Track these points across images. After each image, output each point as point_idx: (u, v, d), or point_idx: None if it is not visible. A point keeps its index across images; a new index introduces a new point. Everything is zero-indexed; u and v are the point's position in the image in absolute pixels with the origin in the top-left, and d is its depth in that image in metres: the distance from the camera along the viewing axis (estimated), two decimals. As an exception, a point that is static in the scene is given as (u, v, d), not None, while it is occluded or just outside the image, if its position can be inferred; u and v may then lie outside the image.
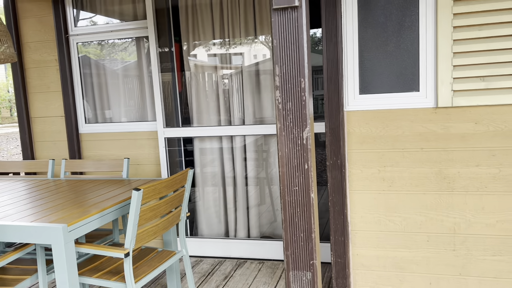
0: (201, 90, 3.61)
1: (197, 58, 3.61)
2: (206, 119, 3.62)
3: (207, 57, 3.64)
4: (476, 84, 2.21)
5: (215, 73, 3.60)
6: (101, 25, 3.78)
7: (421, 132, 2.34)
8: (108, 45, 3.81)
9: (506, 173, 2.25)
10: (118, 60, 3.81)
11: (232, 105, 3.54)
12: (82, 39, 3.78)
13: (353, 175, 2.48)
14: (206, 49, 3.62)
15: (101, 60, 3.85)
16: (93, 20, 3.83)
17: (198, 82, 3.60)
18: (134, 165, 3.80)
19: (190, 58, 3.60)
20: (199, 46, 3.59)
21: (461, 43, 2.20)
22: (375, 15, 2.32)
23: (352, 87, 2.41)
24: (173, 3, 3.60)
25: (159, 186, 2.22)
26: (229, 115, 3.56)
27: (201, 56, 3.64)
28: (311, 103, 1.33)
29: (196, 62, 3.61)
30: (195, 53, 3.60)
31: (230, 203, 3.68)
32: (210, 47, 3.60)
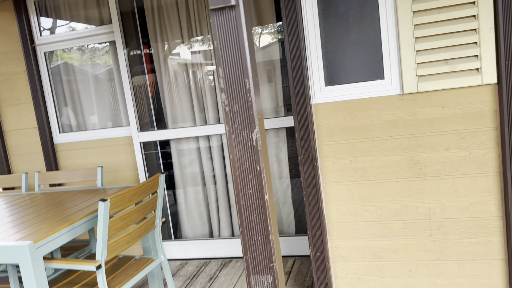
0: (174, 91, 3.56)
1: (167, 59, 3.56)
2: (181, 120, 3.57)
3: (178, 57, 3.59)
4: (440, 68, 2.19)
5: (187, 73, 3.55)
6: (67, 32, 3.70)
7: (389, 120, 2.32)
8: (79, 51, 3.74)
9: (476, 155, 2.24)
10: (90, 65, 3.75)
11: (206, 103, 3.50)
12: (49, 48, 3.70)
13: (325, 167, 2.46)
14: (175, 49, 3.57)
15: (74, 67, 3.78)
16: (61, 27, 3.75)
17: (170, 83, 3.56)
18: (112, 172, 3.76)
19: (160, 59, 3.55)
20: (168, 47, 3.54)
21: (422, 27, 2.18)
22: (335, 5, 2.29)
23: (317, 79, 2.39)
24: (139, 5, 3.54)
25: (127, 195, 2.18)
26: (204, 114, 3.52)
27: (172, 56, 3.59)
28: (259, 103, 1.30)
29: (167, 62, 3.55)
30: (165, 54, 3.55)
31: (212, 203, 3.65)
32: (180, 47, 3.55)
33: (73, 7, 3.65)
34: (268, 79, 3.34)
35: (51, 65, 3.79)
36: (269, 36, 3.37)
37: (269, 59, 3.34)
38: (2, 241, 1.97)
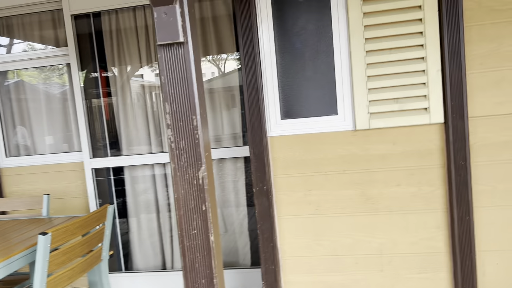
0: (129, 116, 3.48)
1: (125, 83, 3.49)
2: (137, 146, 3.48)
3: (135, 81, 3.53)
4: (391, 106, 2.25)
5: (144, 97, 3.49)
6: (21, 52, 3.57)
7: (342, 155, 2.35)
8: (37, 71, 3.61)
9: (425, 191, 2.30)
10: (46, 85, 3.61)
11: (163, 132, 3.43)
12: (2, 68, 3.55)
13: (280, 200, 2.45)
14: (133, 73, 3.51)
15: (28, 85, 3.63)
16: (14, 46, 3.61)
17: (126, 107, 3.48)
18: (61, 199, 3.58)
19: (117, 83, 3.47)
20: (126, 71, 3.48)
21: (374, 66, 2.24)
22: (291, 41, 2.33)
23: (273, 112, 2.40)
24: (97, 28, 3.47)
25: (71, 227, 2.07)
26: (160, 141, 3.45)
27: (129, 80, 3.52)
28: (207, 140, 1.27)
29: (124, 87, 3.48)
30: (122, 78, 3.48)
31: (166, 232, 3.54)
32: (138, 71, 3.49)
33: (28, 26, 3.53)
34: (228, 105, 3.33)
35: (6, 82, 3.63)
36: (230, 62, 3.38)
37: (229, 85, 3.34)
38: None
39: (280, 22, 2.33)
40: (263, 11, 2.33)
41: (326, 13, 2.28)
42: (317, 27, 2.30)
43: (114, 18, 3.41)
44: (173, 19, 1.15)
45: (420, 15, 2.16)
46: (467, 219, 2.22)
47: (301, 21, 2.31)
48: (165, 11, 1.15)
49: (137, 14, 3.36)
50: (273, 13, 2.33)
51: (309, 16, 2.30)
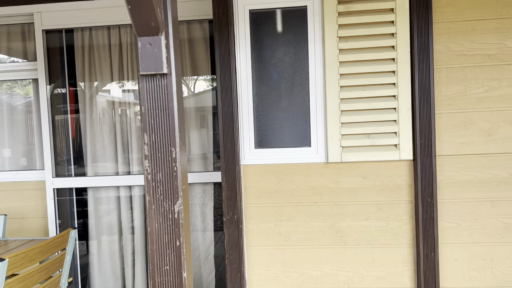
0: (97, 134, 3.39)
1: (94, 101, 3.40)
2: (103, 166, 3.38)
3: (106, 99, 3.45)
4: (362, 141, 2.30)
5: (113, 116, 3.41)
6: (-15, 63, 3.43)
7: (314, 187, 2.37)
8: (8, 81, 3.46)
9: (392, 226, 2.34)
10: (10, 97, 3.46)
11: (132, 150, 3.35)
12: (-40, 78, 3.38)
13: (250, 230, 2.42)
14: (104, 91, 3.43)
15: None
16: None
17: (94, 125, 3.38)
18: (19, 219, 3.40)
19: (86, 100, 3.38)
20: (96, 88, 3.40)
21: (347, 101, 2.30)
22: (268, 72, 2.36)
23: (248, 141, 2.39)
24: (68, 43, 3.39)
25: (30, 253, 1.96)
26: (128, 162, 3.36)
27: (100, 98, 3.44)
28: (185, 172, 1.25)
29: (93, 104, 3.39)
30: (92, 95, 3.40)
31: (128, 256, 3.42)
32: (108, 89, 3.42)
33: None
34: (198, 126, 3.30)
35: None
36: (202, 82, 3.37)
37: (200, 106, 3.32)
38: None
39: (258, 52, 2.36)
40: (241, 40, 2.35)
41: (303, 47, 2.33)
42: (294, 60, 2.34)
43: (87, 35, 3.35)
44: (157, 50, 1.13)
45: (393, 55, 2.24)
46: (432, 255, 2.26)
47: (279, 53, 2.34)
48: (150, 42, 1.13)
49: (112, 33, 3.31)
50: (252, 42, 2.36)
51: (287, 48, 2.34)
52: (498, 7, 2.20)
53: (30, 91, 3.43)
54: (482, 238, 2.29)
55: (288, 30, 2.33)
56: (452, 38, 2.23)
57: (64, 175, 3.37)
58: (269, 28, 2.34)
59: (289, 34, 2.33)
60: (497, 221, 2.27)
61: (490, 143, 2.25)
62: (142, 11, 1.08)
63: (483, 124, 2.24)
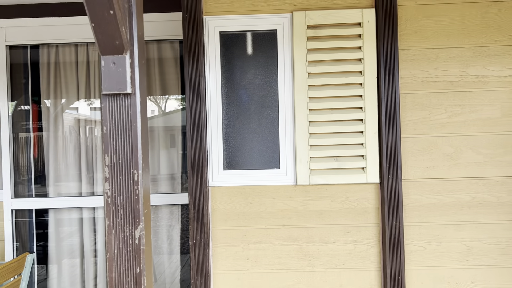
0: (60, 154, 3.27)
1: (58, 118, 3.29)
2: (65, 186, 3.25)
3: (69, 116, 3.35)
4: (330, 163, 2.31)
5: (78, 135, 3.30)
6: None
7: (282, 209, 2.35)
8: None
9: (360, 250, 2.34)
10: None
11: (96, 170, 3.25)
12: None
13: (217, 254, 2.37)
14: (69, 109, 3.33)
15: None
16: None
17: (57, 143, 3.27)
18: (-28, 241, 3.21)
19: (51, 118, 3.27)
20: (61, 106, 3.30)
21: (316, 124, 2.31)
22: (238, 94, 2.35)
23: (216, 162, 2.36)
24: (33, 59, 3.30)
25: (-19, 280, 1.84)
26: (92, 182, 3.26)
27: (62, 115, 3.33)
28: (147, 196, 1.20)
29: (57, 123, 3.28)
30: (56, 113, 3.29)
31: (89, 281, 3.27)
32: (74, 108, 3.33)
33: (-46, 51, 3.27)
34: (167, 145, 3.24)
35: None
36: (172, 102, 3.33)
37: (171, 125, 3.27)
38: None
39: (228, 73, 2.35)
40: (211, 61, 2.35)
41: (273, 70, 2.34)
42: (264, 82, 2.35)
43: (53, 51, 3.27)
44: (121, 69, 1.10)
45: (360, 79, 2.28)
46: (399, 278, 2.27)
47: (249, 75, 2.35)
48: (113, 61, 1.10)
49: (79, 50, 3.25)
50: (222, 64, 2.35)
51: (257, 71, 2.35)
52: (460, 36, 2.29)
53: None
54: (446, 261, 2.31)
55: (258, 53, 2.34)
56: (417, 65, 2.30)
57: (24, 195, 3.22)
58: (240, 51, 2.35)
59: (259, 56, 2.34)
60: (461, 244, 2.31)
61: (453, 167, 2.30)
62: (106, 29, 1.05)
63: (447, 148, 2.30)
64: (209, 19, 2.34)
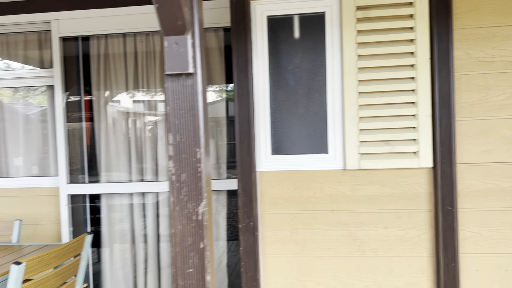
0: (112, 142, 3.39)
1: (109, 109, 3.41)
2: (117, 173, 3.37)
3: (120, 107, 3.46)
4: (381, 148, 2.27)
5: (128, 124, 3.41)
6: (2, 71, 3.46)
7: (331, 194, 2.33)
8: (15, 91, 3.49)
9: (411, 235, 2.29)
10: (24, 107, 3.49)
11: (145, 158, 3.35)
12: (-22, 85, 3.42)
13: (266, 237, 2.39)
14: (119, 99, 3.44)
15: (9, 105, 3.50)
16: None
17: (109, 133, 3.39)
18: (32, 225, 3.40)
19: (102, 108, 3.39)
20: (111, 96, 3.41)
21: (366, 108, 2.27)
22: (285, 78, 2.35)
23: (264, 147, 2.37)
24: (84, 52, 3.42)
25: (47, 258, 1.94)
26: (141, 169, 3.36)
27: (114, 106, 3.45)
28: (209, 174, 1.23)
29: (108, 112, 3.40)
30: (107, 103, 3.41)
31: (140, 264, 3.39)
32: (124, 97, 3.43)
33: (12, 46, 3.45)
34: (212, 135, 3.29)
35: (-23, 102, 3.49)
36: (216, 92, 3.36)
37: (214, 116, 3.31)
38: None
39: (276, 58, 2.35)
40: (259, 47, 2.35)
41: (321, 53, 2.32)
42: (312, 66, 2.33)
43: (103, 42, 3.37)
44: (184, 50, 1.13)
45: (412, 61, 2.22)
46: (453, 265, 2.21)
47: (296, 59, 2.33)
48: (176, 41, 1.13)
49: (127, 40, 3.34)
50: (269, 49, 2.35)
51: (304, 55, 2.33)
52: (519, 13, 2.18)
53: (43, 100, 3.45)
54: (504, 249, 2.23)
55: (305, 36, 2.33)
56: (473, 45, 2.21)
57: (77, 181, 3.37)
58: (287, 35, 2.34)
59: (306, 40, 2.33)
60: (520, 231, 2.22)
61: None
62: (169, 10, 1.07)
63: (505, 131, 2.20)
64: (256, 3, 2.34)
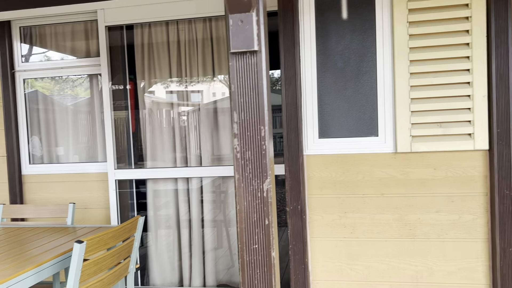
0: (156, 129, 3.46)
1: (153, 97, 3.48)
2: (161, 159, 3.45)
3: (164, 95, 3.53)
4: (434, 130, 2.21)
5: (171, 112, 3.47)
6: (51, 61, 3.59)
7: (381, 178, 2.30)
8: (61, 81, 3.62)
9: (465, 220, 2.23)
10: (71, 96, 3.62)
11: (189, 144, 3.40)
12: (30, 75, 3.56)
13: (313, 221, 2.39)
14: (162, 87, 3.50)
15: (53, 96, 3.64)
16: (45, 55, 3.64)
17: (153, 121, 3.46)
18: (82, 209, 3.53)
19: (146, 96, 3.47)
20: (155, 84, 3.48)
21: (418, 89, 2.22)
22: (333, 60, 2.32)
23: (311, 131, 2.36)
24: (129, 41, 3.49)
25: (105, 237, 2.02)
26: (185, 155, 3.42)
27: (158, 94, 3.52)
28: (272, 152, 1.23)
29: (152, 100, 3.47)
30: (151, 91, 3.48)
31: (185, 248, 3.47)
32: (167, 85, 3.49)
33: (60, 36, 3.56)
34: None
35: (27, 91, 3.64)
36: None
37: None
38: (-42, 282, 1.75)
39: (323, 40, 2.32)
40: (306, 29, 2.33)
41: (371, 34, 2.27)
42: (361, 47, 2.29)
43: (146, 31, 3.43)
44: (249, 27, 1.13)
45: (468, 39, 2.14)
46: (510, 250, 2.14)
47: (345, 40, 2.30)
48: (241, 19, 1.13)
49: (170, 28, 3.38)
50: (317, 31, 2.32)
51: (353, 35, 2.29)
52: None
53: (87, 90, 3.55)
54: None
55: (354, 16, 2.28)
56: (533, 20, 2.10)
57: (124, 167, 3.46)
58: (335, 15, 2.30)
59: (355, 20, 2.28)
60: None
61: None
62: (235, -13, 1.07)
63: None
64: (303, -15, 2.31)
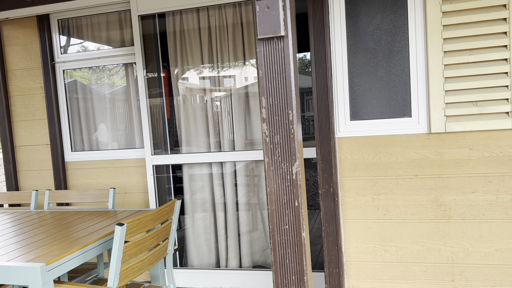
0: (190, 115, 3.54)
1: (186, 83, 3.55)
2: (196, 144, 3.53)
3: (196, 81, 3.59)
4: (469, 109, 2.16)
5: (205, 97, 3.54)
6: (87, 52, 3.72)
7: (414, 159, 2.28)
8: (98, 70, 3.75)
9: (503, 200, 2.19)
10: (107, 85, 3.75)
11: (222, 129, 3.47)
12: (69, 66, 3.71)
13: (346, 203, 2.40)
14: (195, 74, 3.57)
15: (90, 85, 3.78)
16: (82, 46, 3.77)
17: (187, 107, 3.54)
18: (122, 194, 3.69)
19: (179, 83, 3.54)
20: (188, 71, 3.54)
21: (452, 67, 2.16)
22: (364, 41, 2.29)
23: (342, 113, 2.36)
24: (161, 29, 3.56)
25: (144, 220, 2.12)
26: (219, 140, 3.49)
27: (190, 80, 3.59)
28: (300, 136, 1.26)
29: (185, 87, 3.55)
30: (184, 78, 3.55)
31: (220, 230, 3.56)
32: (199, 71, 3.55)
33: (96, 27, 3.68)
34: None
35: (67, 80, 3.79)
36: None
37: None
38: (13, 261, 1.90)
39: (353, 21, 2.29)
40: (336, 10, 2.31)
41: (402, 12, 2.22)
42: (392, 26, 2.24)
43: (178, 19, 3.48)
44: (275, 13, 1.15)
45: (505, 14, 2.06)
46: (551, 231, 2.08)
47: (375, 20, 2.26)
48: (267, 5, 1.15)
49: (201, 16, 3.42)
50: (346, 11, 2.30)
51: (384, 15, 2.25)
52: None
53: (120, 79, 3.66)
54: None
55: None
56: None
57: (161, 153, 3.58)
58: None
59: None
60: None
61: None
62: (261, -26, 1.09)
63: None
64: (332, -34, 2.28)
